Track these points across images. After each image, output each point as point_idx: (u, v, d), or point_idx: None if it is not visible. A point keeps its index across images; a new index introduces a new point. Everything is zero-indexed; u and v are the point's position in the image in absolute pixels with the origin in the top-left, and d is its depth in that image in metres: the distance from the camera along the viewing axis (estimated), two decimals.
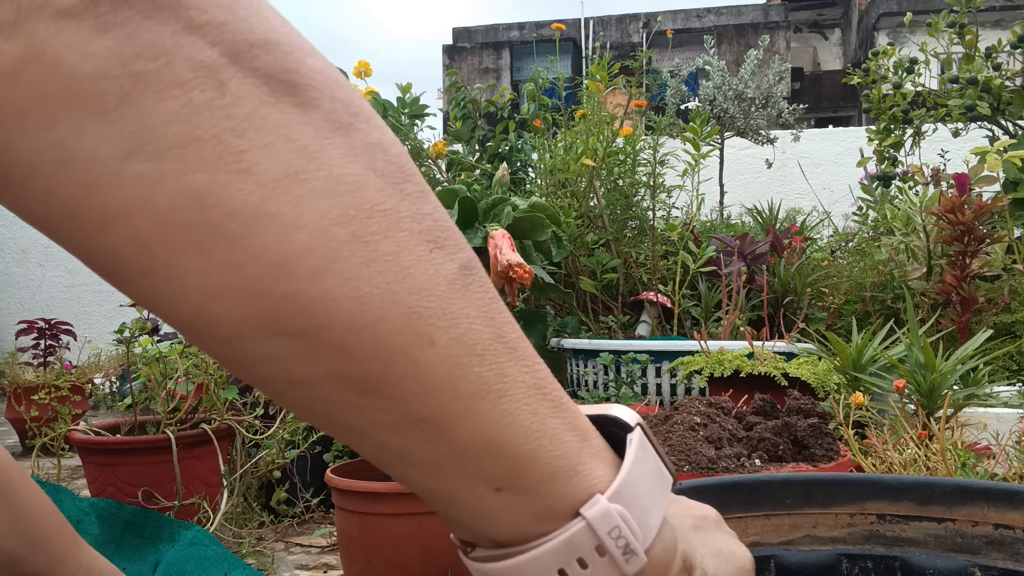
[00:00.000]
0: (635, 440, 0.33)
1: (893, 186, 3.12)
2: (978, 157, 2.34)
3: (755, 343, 1.64)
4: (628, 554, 0.31)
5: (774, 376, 1.49)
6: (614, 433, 0.34)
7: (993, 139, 2.81)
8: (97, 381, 3.87)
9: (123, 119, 0.23)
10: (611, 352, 1.98)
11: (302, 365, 0.27)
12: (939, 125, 3.10)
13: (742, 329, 2.00)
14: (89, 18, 0.23)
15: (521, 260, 1.83)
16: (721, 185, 3.89)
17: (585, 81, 2.83)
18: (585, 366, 2.08)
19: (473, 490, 0.30)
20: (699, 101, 4.02)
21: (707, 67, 3.96)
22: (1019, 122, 2.82)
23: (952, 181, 2.29)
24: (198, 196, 0.24)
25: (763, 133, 4.06)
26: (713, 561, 0.36)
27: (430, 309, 0.27)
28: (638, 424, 0.34)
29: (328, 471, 1.31)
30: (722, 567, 0.36)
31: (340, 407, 0.28)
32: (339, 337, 0.26)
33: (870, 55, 3.29)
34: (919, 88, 3.16)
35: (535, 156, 2.93)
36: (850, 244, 3.04)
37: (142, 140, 0.23)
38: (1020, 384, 1.65)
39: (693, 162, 2.60)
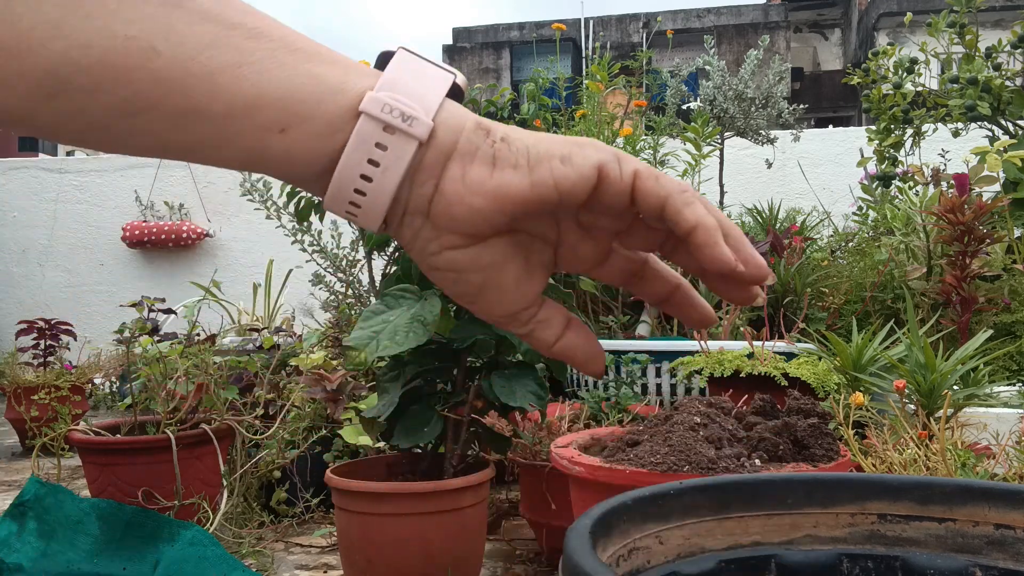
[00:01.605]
0: (398, 54, 0.39)
1: (893, 186, 3.12)
2: (978, 157, 2.34)
3: (755, 343, 1.64)
4: (408, 120, 0.36)
5: (774, 376, 1.49)
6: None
7: (993, 139, 2.81)
8: (97, 381, 3.86)
9: None
10: (611, 352, 1.98)
11: (81, 112, 0.34)
12: (939, 125, 3.10)
13: (742, 329, 2.00)
14: None
15: None
16: (721, 185, 3.89)
17: (585, 81, 2.83)
18: None
19: (265, 140, 0.36)
20: (699, 101, 4.02)
21: (707, 67, 3.96)
22: (1019, 122, 2.82)
23: (952, 181, 2.29)
24: None
25: (763, 133, 4.06)
26: (523, 133, 0.38)
27: (146, 30, 0.34)
28: (401, 48, 0.39)
29: (328, 471, 1.31)
30: (532, 137, 0.38)
31: (130, 134, 0.35)
32: (85, 79, 0.33)
33: (870, 55, 3.29)
34: (919, 88, 3.16)
35: None
36: (850, 244, 3.04)
37: None
38: (1020, 384, 1.65)
39: (693, 162, 2.60)
